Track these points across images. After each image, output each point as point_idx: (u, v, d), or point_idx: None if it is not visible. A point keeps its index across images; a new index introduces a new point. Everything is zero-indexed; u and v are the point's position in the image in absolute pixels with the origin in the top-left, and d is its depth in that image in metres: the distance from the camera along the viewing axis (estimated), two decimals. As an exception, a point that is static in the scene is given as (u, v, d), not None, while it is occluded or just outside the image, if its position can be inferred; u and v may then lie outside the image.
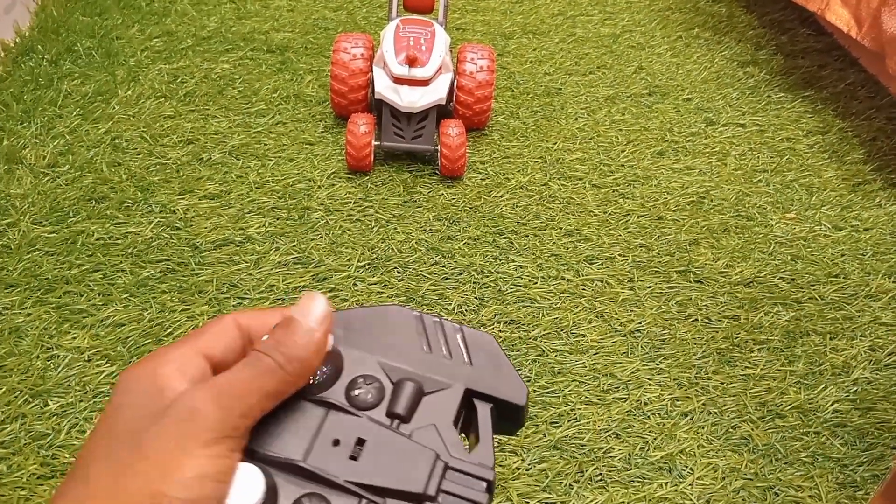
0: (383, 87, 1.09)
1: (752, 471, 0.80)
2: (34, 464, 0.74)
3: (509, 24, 1.51)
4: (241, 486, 0.25)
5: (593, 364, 0.88)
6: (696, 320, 0.95)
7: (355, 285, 0.95)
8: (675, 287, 0.99)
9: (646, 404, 0.85)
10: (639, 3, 1.63)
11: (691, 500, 0.77)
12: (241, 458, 0.26)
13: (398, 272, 0.97)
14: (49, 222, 0.99)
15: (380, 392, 0.28)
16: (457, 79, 1.15)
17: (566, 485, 0.77)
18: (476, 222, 1.05)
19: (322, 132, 1.19)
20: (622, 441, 0.81)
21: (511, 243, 1.03)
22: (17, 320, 0.86)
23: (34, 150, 1.09)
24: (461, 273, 0.98)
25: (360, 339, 0.30)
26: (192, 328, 0.86)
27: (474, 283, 0.97)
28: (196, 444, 0.24)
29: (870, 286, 1.02)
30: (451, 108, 1.17)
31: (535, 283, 0.98)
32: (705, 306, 0.97)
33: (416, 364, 0.30)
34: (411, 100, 1.08)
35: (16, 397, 0.79)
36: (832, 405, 0.87)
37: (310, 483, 0.26)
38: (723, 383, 0.88)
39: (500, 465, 0.78)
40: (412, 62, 1.07)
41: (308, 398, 0.28)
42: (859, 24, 1.22)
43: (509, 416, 0.30)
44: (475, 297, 0.95)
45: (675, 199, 1.13)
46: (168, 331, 0.87)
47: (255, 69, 1.31)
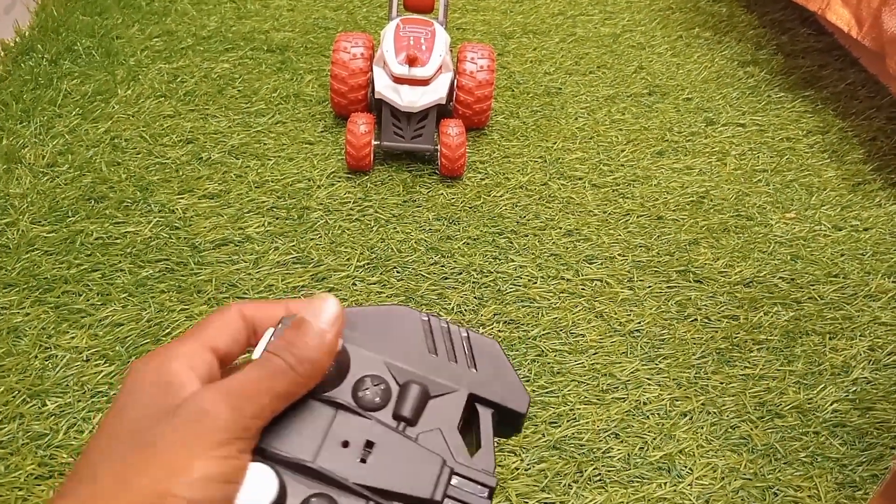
0: (383, 86, 1.09)
1: (751, 471, 0.80)
2: (32, 464, 0.73)
3: (509, 24, 1.51)
4: (255, 487, 0.25)
5: (592, 364, 0.88)
6: (695, 320, 0.95)
7: (354, 285, 0.95)
8: (675, 287, 0.99)
9: (645, 404, 0.85)
10: (639, 2, 1.63)
11: (690, 500, 0.77)
12: (250, 460, 0.26)
13: (397, 272, 0.97)
14: (48, 222, 0.99)
15: (386, 393, 0.28)
16: (457, 78, 1.15)
17: (565, 485, 0.77)
18: (475, 222, 1.05)
19: (322, 132, 1.19)
20: (621, 441, 0.81)
21: (510, 243, 1.03)
22: (16, 320, 0.86)
23: (33, 150, 1.09)
24: (460, 273, 0.98)
25: (366, 338, 0.30)
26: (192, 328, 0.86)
27: (474, 282, 0.97)
28: (206, 445, 0.24)
29: (869, 286, 1.02)
30: (450, 107, 1.17)
31: (535, 283, 0.97)
32: (705, 306, 0.97)
33: (422, 367, 0.30)
34: (411, 99, 1.08)
35: (14, 397, 0.79)
36: (831, 405, 0.87)
37: (318, 483, 0.26)
38: (722, 383, 0.88)
39: (500, 466, 0.78)
40: (412, 62, 1.07)
41: (316, 397, 0.28)
42: (860, 24, 1.22)
43: (509, 422, 0.30)
44: (474, 297, 0.95)
45: (675, 198, 1.13)
46: (167, 331, 0.87)
47: (254, 69, 1.31)
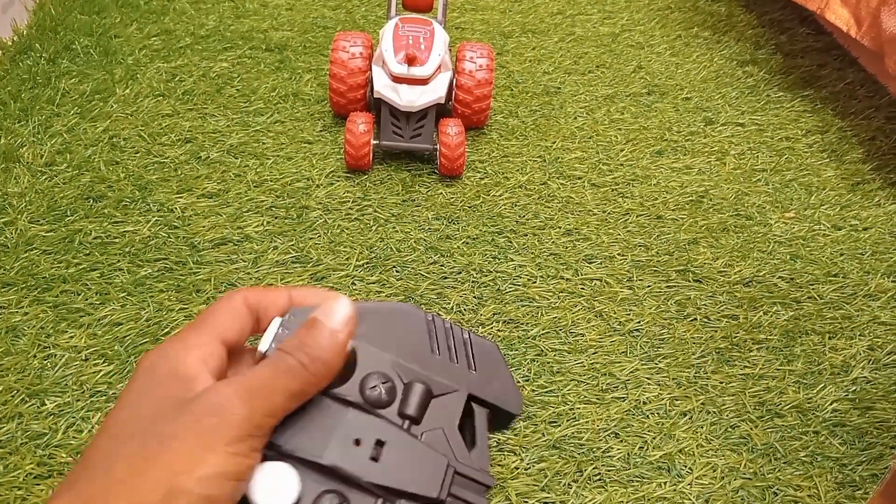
0: (382, 85, 1.09)
1: (751, 470, 0.80)
2: (31, 463, 0.73)
3: (508, 23, 1.51)
4: (277, 486, 0.25)
5: (592, 363, 0.88)
6: (694, 319, 0.95)
7: (353, 284, 0.95)
8: (674, 286, 0.99)
9: (645, 404, 0.85)
10: (638, 2, 1.63)
11: (690, 499, 0.77)
12: (261, 459, 0.26)
13: (397, 271, 0.97)
14: (46, 221, 0.99)
15: (392, 391, 0.28)
16: (456, 77, 1.15)
17: (565, 484, 0.77)
18: (475, 221, 1.05)
19: (321, 131, 1.19)
20: (621, 440, 0.81)
21: (510, 242, 1.03)
22: (14, 319, 0.86)
23: (31, 149, 1.09)
24: (460, 272, 0.98)
25: (373, 335, 0.30)
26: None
27: (473, 282, 0.97)
28: (220, 441, 0.24)
29: (869, 285, 1.02)
30: (450, 106, 1.17)
31: (534, 283, 0.97)
32: (704, 306, 0.97)
33: (426, 366, 0.30)
34: (410, 99, 1.08)
35: (12, 396, 0.79)
36: (831, 405, 0.87)
37: (329, 480, 0.26)
38: (722, 383, 0.88)
39: (499, 465, 0.78)
40: (411, 61, 1.06)
41: (326, 394, 0.28)
42: (859, 24, 1.22)
43: (501, 421, 0.31)
44: (474, 297, 0.95)
45: (675, 198, 1.13)
46: (165, 330, 0.86)
47: (253, 68, 1.30)
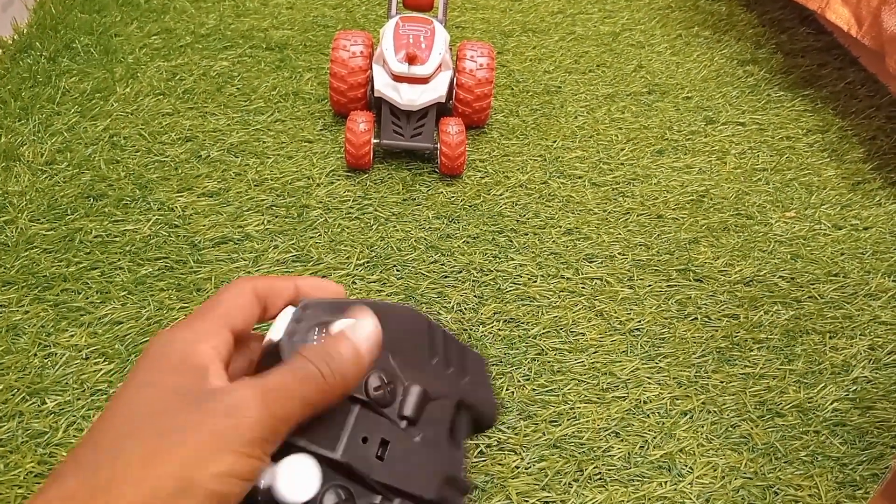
0: (382, 84, 1.09)
1: (751, 470, 0.80)
2: (31, 462, 0.73)
3: (509, 22, 1.51)
4: (299, 478, 0.26)
5: (593, 363, 0.88)
6: (695, 319, 0.95)
7: (354, 283, 0.95)
8: (675, 286, 0.99)
9: (645, 403, 0.85)
10: (638, 1, 1.63)
11: (691, 499, 0.77)
12: (269, 463, 0.26)
13: (397, 270, 0.97)
14: (47, 220, 0.98)
15: (393, 392, 0.29)
16: (456, 77, 1.15)
17: (565, 484, 0.77)
18: (475, 220, 1.05)
19: (321, 130, 1.18)
20: (622, 440, 0.81)
21: (510, 241, 1.03)
22: (15, 318, 0.86)
23: (32, 148, 1.09)
24: (460, 271, 0.98)
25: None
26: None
27: (473, 281, 0.97)
28: (236, 442, 0.24)
29: (869, 285, 1.02)
30: (450, 105, 1.17)
31: (535, 282, 0.97)
32: (705, 305, 0.97)
33: (424, 369, 0.31)
34: (411, 97, 1.08)
35: (13, 395, 0.79)
36: (832, 404, 0.87)
37: (335, 474, 0.27)
38: (722, 382, 0.88)
39: (500, 464, 0.78)
40: (412, 60, 1.06)
41: None
42: (859, 23, 1.22)
43: (477, 428, 0.34)
44: (474, 296, 0.95)
45: (675, 197, 1.13)
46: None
47: (253, 67, 1.30)
